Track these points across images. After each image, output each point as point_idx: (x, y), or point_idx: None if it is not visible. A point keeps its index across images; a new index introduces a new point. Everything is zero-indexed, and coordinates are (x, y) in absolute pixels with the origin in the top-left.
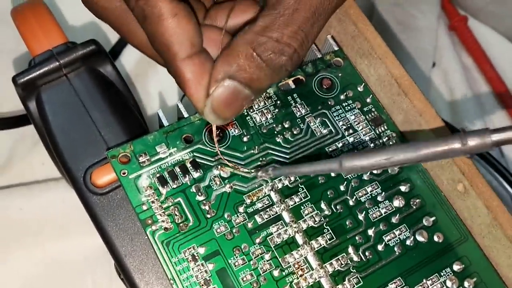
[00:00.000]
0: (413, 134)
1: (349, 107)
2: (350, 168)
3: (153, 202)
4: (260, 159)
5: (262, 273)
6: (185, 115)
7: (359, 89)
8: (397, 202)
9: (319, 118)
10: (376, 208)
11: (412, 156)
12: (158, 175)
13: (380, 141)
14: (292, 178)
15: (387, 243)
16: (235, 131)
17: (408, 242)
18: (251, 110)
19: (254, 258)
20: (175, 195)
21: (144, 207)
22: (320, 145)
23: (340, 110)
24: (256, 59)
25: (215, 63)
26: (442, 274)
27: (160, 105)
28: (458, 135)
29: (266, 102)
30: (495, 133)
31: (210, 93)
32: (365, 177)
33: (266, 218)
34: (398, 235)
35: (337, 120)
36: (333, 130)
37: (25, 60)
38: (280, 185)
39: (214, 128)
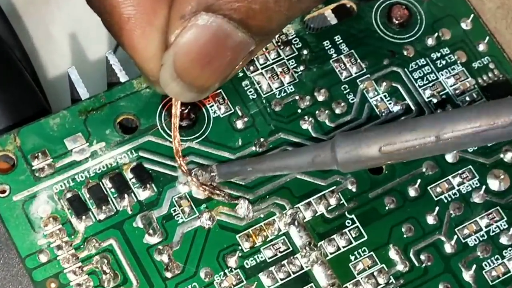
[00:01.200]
0: None
1: (444, 62)
2: (351, 158)
3: (59, 247)
4: None
5: None
6: (122, 78)
7: (463, 25)
8: None
9: (385, 83)
10: (497, 260)
11: (463, 130)
12: (69, 195)
13: None
14: (333, 202)
15: None
16: (219, 108)
17: None
18: (251, 69)
19: None
20: (104, 233)
21: (43, 258)
22: None
23: (426, 68)
24: None
25: None
26: None
27: (72, 59)
28: None
29: (280, 52)
30: None
31: (171, 42)
32: (475, 198)
33: (282, 279)
34: None
35: (420, 86)
36: (413, 107)
37: None
38: (308, 215)
39: (176, 107)
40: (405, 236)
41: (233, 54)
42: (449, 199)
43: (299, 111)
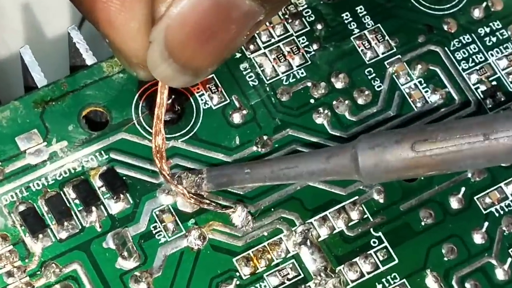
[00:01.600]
0: None
1: (494, 39)
2: (376, 162)
3: (10, 274)
4: None
5: None
6: (88, 60)
7: None
8: None
9: (420, 66)
10: None
11: None
12: (22, 207)
13: None
14: (355, 216)
15: None
16: (211, 98)
17: None
18: (252, 48)
19: None
20: (66, 256)
21: None
22: None
23: (472, 46)
24: None
25: None
26: None
27: (26, 36)
28: None
29: (288, 26)
30: None
31: (161, 13)
32: None
33: None
34: None
35: (464, 70)
36: (456, 96)
37: None
38: (324, 232)
39: (163, 94)
40: (446, 259)
41: (239, 27)
42: (501, 212)
43: (312, 101)
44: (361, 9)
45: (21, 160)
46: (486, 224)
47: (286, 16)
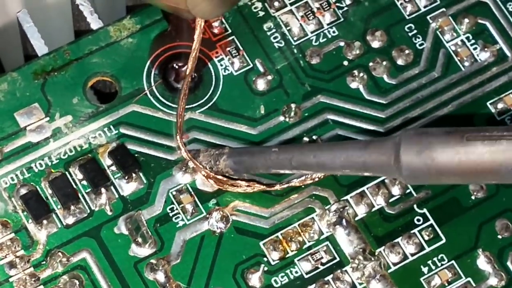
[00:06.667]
0: None
1: None
2: (423, 162)
3: (12, 264)
4: (306, 137)
5: None
6: (94, 23)
7: None
8: None
9: (467, 20)
10: None
11: None
12: (24, 190)
13: None
14: (396, 191)
15: None
16: (232, 63)
17: None
18: (276, 5)
19: None
20: (73, 244)
21: None
22: (472, 95)
23: None
24: None
25: None
26: None
27: None
28: None
29: None
30: None
31: None
32: None
33: None
34: None
35: None
36: (510, 54)
37: None
38: (361, 211)
39: (199, 36)
40: (499, 237)
41: None
42: None
43: (346, 63)
44: None
45: (21, 138)
46: None
47: None
